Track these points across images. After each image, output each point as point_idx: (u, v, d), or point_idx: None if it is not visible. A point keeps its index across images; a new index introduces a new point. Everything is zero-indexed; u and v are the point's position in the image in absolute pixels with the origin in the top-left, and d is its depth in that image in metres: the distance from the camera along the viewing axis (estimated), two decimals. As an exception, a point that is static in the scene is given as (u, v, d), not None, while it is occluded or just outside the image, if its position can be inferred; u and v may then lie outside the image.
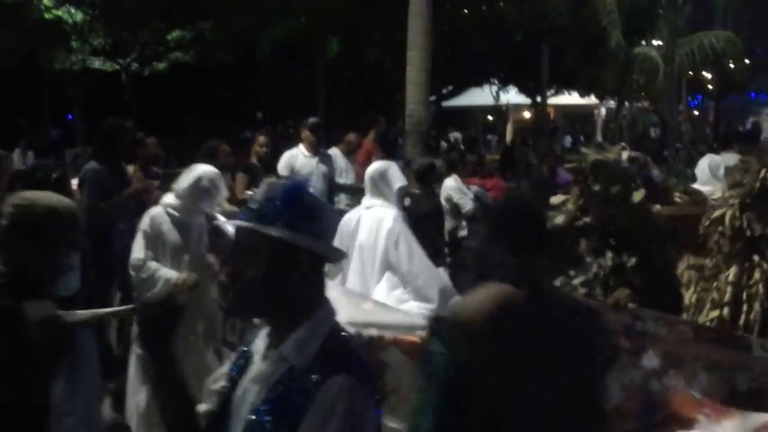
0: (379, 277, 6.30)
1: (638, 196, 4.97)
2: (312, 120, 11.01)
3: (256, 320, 2.67)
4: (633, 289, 4.71)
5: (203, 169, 6.47)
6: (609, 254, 4.93)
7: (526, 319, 3.12)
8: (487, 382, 3.05)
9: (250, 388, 2.45)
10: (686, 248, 5.55)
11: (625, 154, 5.30)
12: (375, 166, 6.95)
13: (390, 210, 6.58)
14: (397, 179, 6.80)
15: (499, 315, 3.09)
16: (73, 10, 27.02)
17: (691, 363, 4.14)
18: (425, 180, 9.40)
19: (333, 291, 4.33)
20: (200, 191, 6.36)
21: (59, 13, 26.70)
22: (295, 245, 2.42)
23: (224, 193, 7.07)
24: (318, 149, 10.80)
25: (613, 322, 4.16)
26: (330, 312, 2.54)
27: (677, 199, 6.51)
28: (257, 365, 2.48)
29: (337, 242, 5.91)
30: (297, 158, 10.66)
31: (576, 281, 4.91)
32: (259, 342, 2.53)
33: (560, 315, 3.23)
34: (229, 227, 5.52)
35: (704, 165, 8.60)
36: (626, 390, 4.08)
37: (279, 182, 2.65)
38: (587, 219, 5.07)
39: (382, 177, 6.72)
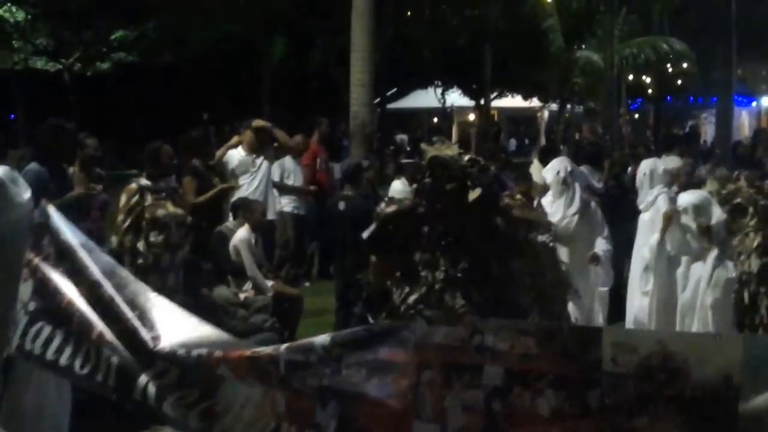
0: None
1: (473, 195, 4.59)
2: (255, 121, 11.02)
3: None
4: (471, 304, 4.46)
5: None
6: (442, 264, 4.59)
7: None
8: None
9: None
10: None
11: (465, 157, 4.80)
12: None
13: None
14: None
15: None
16: (14, 9, 26.75)
17: (536, 380, 3.80)
18: (354, 181, 9.55)
19: (161, 310, 4.33)
20: None
21: (1, 12, 26.39)
22: None
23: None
24: (258, 150, 10.75)
25: (448, 338, 3.88)
26: None
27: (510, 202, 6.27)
28: None
29: None
30: (233, 157, 10.62)
31: (412, 298, 4.58)
32: None
33: None
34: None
35: (645, 168, 8.90)
36: (467, 411, 3.84)
37: None
38: (422, 210, 4.71)
39: None
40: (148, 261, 7.66)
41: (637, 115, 43.00)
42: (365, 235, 4.73)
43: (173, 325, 4.31)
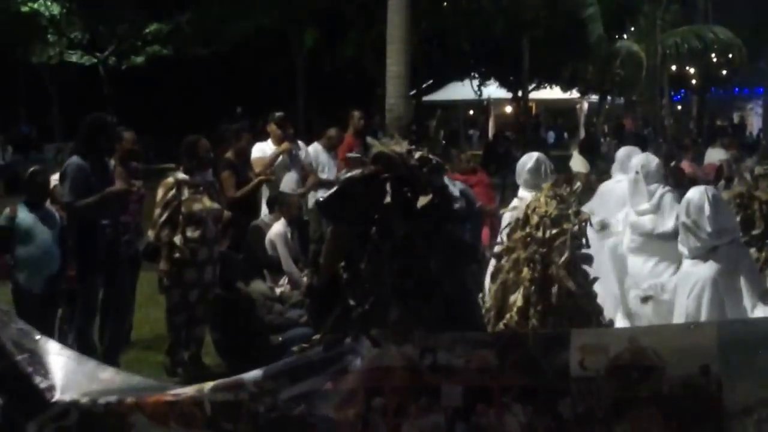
0: None
1: (422, 201, 4.08)
2: (278, 114, 10.89)
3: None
4: (421, 321, 3.98)
5: None
6: (388, 275, 4.13)
7: None
8: None
9: None
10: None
11: (417, 154, 4.24)
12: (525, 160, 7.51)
13: None
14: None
15: None
16: (49, 3, 26.72)
17: (500, 395, 3.59)
18: None
19: (64, 362, 3.99)
20: None
21: (36, 6, 26.39)
22: None
23: None
24: (283, 140, 10.61)
25: (397, 359, 3.61)
26: None
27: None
28: None
29: None
30: (264, 152, 10.50)
31: (354, 314, 4.05)
32: None
33: None
34: None
35: (637, 164, 7.86)
36: None
37: None
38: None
39: (537, 170, 7.31)
40: (185, 255, 7.68)
41: (679, 107, 42.26)
42: (321, 198, 4.32)
43: (69, 373, 3.98)
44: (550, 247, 5.31)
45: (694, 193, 6.01)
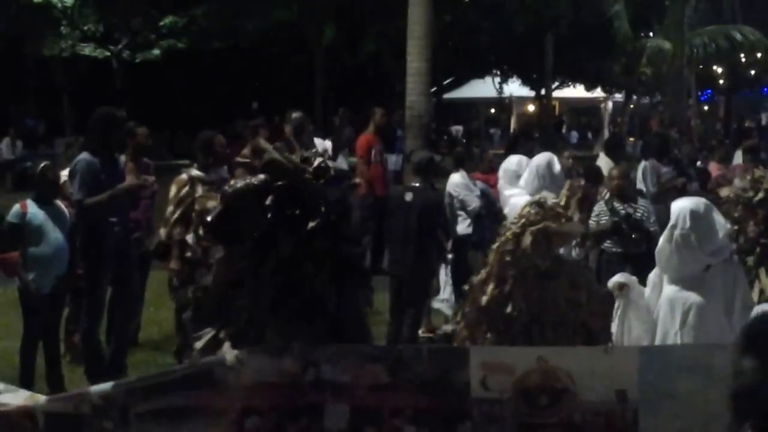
0: None
1: (311, 224, 3.72)
2: (296, 116, 10.75)
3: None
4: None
5: None
6: (268, 295, 3.77)
7: None
8: None
9: None
10: None
11: (316, 162, 3.88)
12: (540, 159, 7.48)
13: None
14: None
15: None
16: (62, -6, 26.35)
17: (392, 417, 3.31)
18: (426, 174, 8.93)
19: None
20: None
21: (49, -4, 25.99)
22: None
23: None
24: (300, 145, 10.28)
25: (275, 375, 3.31)
26: None
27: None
28: None
29: None
30: None
31: (228, 331, 3.72)
32: None
33: None
34: None
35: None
36: None
37: None
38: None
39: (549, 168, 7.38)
40: (197, 254, 7.34)
41: (706, 107, 41.75)
42: (208, 218, 4.01)
43: None
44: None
45: (686, 206, 5.33)
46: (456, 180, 10.49)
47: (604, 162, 13.60)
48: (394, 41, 23.00)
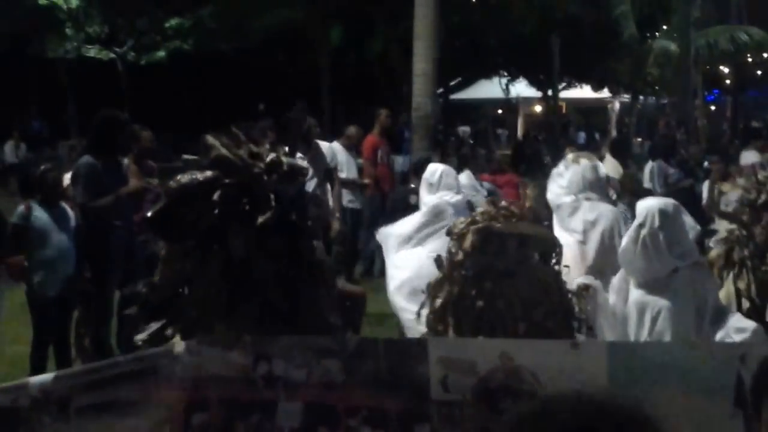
0: None
1: (260, 219, 3.61)
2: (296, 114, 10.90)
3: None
4: None
5: None
6: (217, 295, 3.67)
7: None
8: None
9: None
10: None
11: (269, 157, 3.78)
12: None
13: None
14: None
15: None
16: (68, -4, 26.30)
17: (347, 416, 3.16)
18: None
19: None
20: None
21: (54, -2, 25.95)
22: None
23: None
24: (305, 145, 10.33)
25: (224, 367, 3.16)
26: None
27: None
28: None
29: None
30: None
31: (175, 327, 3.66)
32: None
33: None
34: None
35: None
36: None
37: None
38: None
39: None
40: None
41: (713, 108, 41.64)
42: (149, 213, 3.90)
43: None
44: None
45: (654, 205, 5.18)
46: (462, 181, 10.46)
47: (610, 163, 13.53)
48: (401, 42, 22.94)
